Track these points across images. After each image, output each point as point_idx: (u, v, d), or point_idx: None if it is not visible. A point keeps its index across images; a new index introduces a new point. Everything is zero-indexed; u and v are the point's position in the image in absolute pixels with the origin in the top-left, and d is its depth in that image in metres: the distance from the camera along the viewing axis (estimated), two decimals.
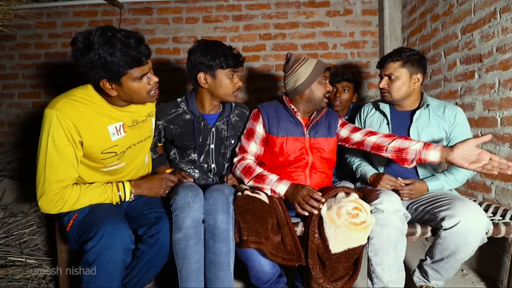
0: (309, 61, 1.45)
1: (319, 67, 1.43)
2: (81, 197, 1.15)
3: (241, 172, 1.42)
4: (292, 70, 1.45)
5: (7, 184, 2.07)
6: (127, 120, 1.25)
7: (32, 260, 1.62)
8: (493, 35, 1.56)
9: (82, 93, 1.18)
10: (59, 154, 1.10)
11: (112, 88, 1.13)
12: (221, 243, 1.15)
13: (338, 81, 1.98)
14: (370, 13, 2.62)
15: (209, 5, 2.67)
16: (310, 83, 1.43)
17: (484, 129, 1.65)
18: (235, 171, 1.45)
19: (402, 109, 1.55)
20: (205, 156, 1.51)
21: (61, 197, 1.12)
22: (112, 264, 1.03)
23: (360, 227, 1.17)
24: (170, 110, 1.48)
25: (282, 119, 1.46)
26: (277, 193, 1.33)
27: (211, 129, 1.49)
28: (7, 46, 2.72)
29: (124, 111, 1.24)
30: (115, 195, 1.21)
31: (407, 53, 1.45)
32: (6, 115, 2.73)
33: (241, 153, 1.48)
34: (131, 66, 1.09)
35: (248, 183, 1.39)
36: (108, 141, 1.20)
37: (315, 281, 1.20)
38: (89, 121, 1.15)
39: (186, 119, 1.48)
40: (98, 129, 1.17)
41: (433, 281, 1.37)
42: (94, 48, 1.04)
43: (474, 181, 1.74)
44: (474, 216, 1.18)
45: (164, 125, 1.48)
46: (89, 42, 1.05)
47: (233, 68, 1.41)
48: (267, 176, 1.36)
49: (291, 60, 1.47)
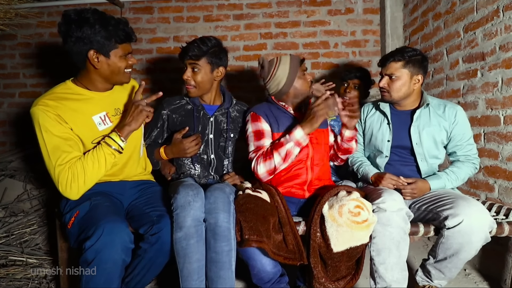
0: (283, 60, 1.45)
1: (294, 63, 1.43)
2: (86, 166, 1.15)
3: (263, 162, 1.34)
4: (270, 75, 1.46)
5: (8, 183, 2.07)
6: (110, 109, 1.29)
7: (33, 259, 1.62)
8: (496, 33, 1.55)
9: (62, 88, 1.24)
10: (56, 136, 1.14)
11: (98, 60, 1.19)
12: (223, 242, 1.15)
13: (350, 78, 1.99)
14: (372, 12, 2.61)
15: (210, 4, 2.66)
16: (292, 82, 1.43)
17: (487, 127, 1.64)
18: (259, 171, 1.35)
19: (402, 108, 1.54)
20: (204, 147, 1.52)
21: (71, 173, 1.14)
22: (111, 263, 1.02)
23: (362, 225, 1.16)
24: (175, 100, 1.57)
25: (279, 116, 1.46)
26: (301, 141, 1.31)
27: (209, 119, 1.53)
28: (8, 45, 2.72)
29: (106, 97, 1.29)
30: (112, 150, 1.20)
31: (409, 53, 1.44)
32: (7, 115, 2.72)
33: (256, 152, 1.40)
34: (122, 40, 1.20)
35: (275, 160, 1.32)
36: (95, 131, 1.23)
37: (317, 280, 1.19)
38: (73, 112, 1.19)
39: (188, 109, 1.55)
40: (84, 119, 1.21)
41: (436, 280, 1.36)
42: (89, 22, 1.13)
43: (476, 180, 1.73)
44: (478, 215, 1.17)
45: (168, 114, 1.54)
46: (84, 16, 1.14)
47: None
48: (281, 140, 1.35)
49: (266, 65, 1.47)
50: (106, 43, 1.17)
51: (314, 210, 1.24)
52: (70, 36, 1.15)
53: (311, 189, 1.43)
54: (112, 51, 1.20)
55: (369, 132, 1.61)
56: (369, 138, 1.61)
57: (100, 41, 1.16)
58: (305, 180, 1.42)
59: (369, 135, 1.61)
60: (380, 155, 1.55)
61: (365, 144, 1.67)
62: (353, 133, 1.47)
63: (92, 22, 1.13)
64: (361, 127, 1.67)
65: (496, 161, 1.59)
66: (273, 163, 1.33)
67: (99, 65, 1.20)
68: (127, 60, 1.25)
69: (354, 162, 1.63)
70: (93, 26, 1.13)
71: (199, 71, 1.46)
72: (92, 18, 1.14)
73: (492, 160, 1.62)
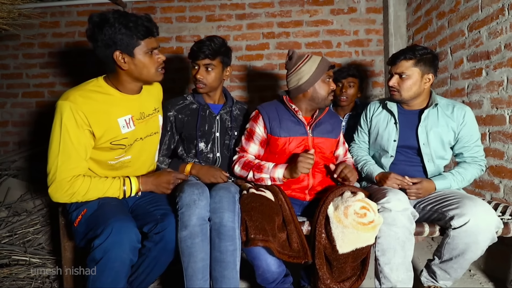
0: (313, 58, 1.42)
1: (323, 65, 1.41)
2: (91, 189, 1.15)
3: (241, 168, 1.42)
4: (295, 68, 1.42)
5: (11, 183, 2.07)
6: (135, 113, 1.29)
7: (36, 259, 1.62)
8: (501, 31, 1.54)
9: (94, 84, 1.24)
10: (72, 143, 1.13)
11: (125, 61, 1.19)
12: (227, 242, 1.14)
13: (344, 77, 2.03)
14: (375, 11, 2.60)
15: (212, 4, 2.66)
16: (313, 82, 1.40)
17: (492, 127, 1.63)
18: (235, 168, 1.45)
19: (410, 108, 1.52)
20: (211, 145, 1.53)
21: (71, 186, 1.12)
22: (119, 263, 1.02)
23: (368, 226, 1.15)
24: (178, 101, 1.56)
25: (284, 119, 1.43)
26: (276, 178, 1.34)
27: (215, 117, 1.53)
28: (11, 46, 2.72)
29: (134, 101, 1.29)
30: (122, 189, 1.21)
31: (420, 52, 1.41)
32: (10, 115, 2.73)
33: (241, 152, 1.48)
34: (144, 35, 1.18)
35: (249, 175, 1.38)
36: (118, 133, 1.23)
37: (322, 281, 1.18)
38: (100, 114, 1.18)
39: (193, 108, 1.54)
40: (109, 120, 1.21)
41: (441, 281, 1.35)
42: (109, 21, 1.14)
43: (482, 180, 1.72)
44: (484, 214, 1.16)
45: (175, 115, 1.53)
46: (105, 17, 1.15)
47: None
48: (264, 165, 1.37)
49: (294, 58, 1.44)
50: (129, 41, 1.16)
51: (319, 211, 1.23)
52: (96, 40, 1.16)
53: (312, 193, 1.43)
54: (135, 49, 1.19)
55: (375, 131, 1.59)
56: (374, 137, 1.60)
57: (123, 40, 1.15)
58: (307, 185, 1.41)
59: (375, 134, 1.59)
60: (385, 155, 1.54)
61: (370, 143, 1.65)
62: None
63: (112, 21, 1.13)
64: (367, 125, 1.65)
65: (502, 161, 1.58)
66: (246, 175, 1.40)
67: (126, 66, 1.20)
68: (153, 56, 1.24)
69: (358, 160, 1.61)
70: (113, 25, 1.13)
71: (213, 70, 1.47)
72: (112, 18, 1.14)
73: (497, 160, 1.60)
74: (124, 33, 1.15)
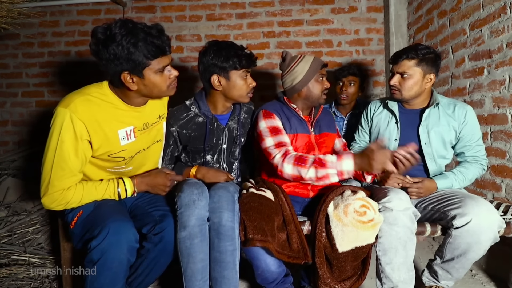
0: (306, 59, 1.43)
1: (315, 64, 1.42)
2: (84, 197, 1.13)
3: (294, 165, 1.23)
4: (289, 68, 1.45)
5: (11, 183, 2.07)
6: (139, 124, 1.22)
7: (35, 259, 1.61)
8: (503, 30, 1.53)
9: (97, 91, 1.14)
10: (69, 157, 1.08)
11: (133, 81, 1.10)
12: (227, 242, 1.13)
13: (344, 75, 2.04)
14: (375, 10, 2.59)
15: (212, 3, 2.65)
16: (307, 81, 1.41)
17: (494, 126, 1.62)
18: (284, 168, 1.24)
19: (411, 107, 1.51)
20: (217, 157, 1.49)
21: (64, 197, 1.10)
22: (117, 263, 1.01)
23: (368, 225, 1.14)
24: (181, 114, 1.44)
25: (291, 117, 1.44)
26: (344, 172, 1.20)
27: (224, 129, 1.47)
28: (11, 45, 2.72)
29: (138, 112, 1.21)
30: (116, 192, 1.19)
31: (423, 51, 1.39)
32: (9, 114, 2.72)
33: (278, 147, 1.30)
34: (155, 55, 1.07)
35: (308, 174, 1.21)
36: (117, 145, 1.17)
37: (322, 281, 1.17)
38: (100, 124, 1.11)
39: (199, 122, 1.44)
40: (108, 133, 1.14)
41: (443, 281, 1.34)
42: (116, 39, 1.01)
43: (483, 179, 1.71)
44: (487, 214, 1.15)
45: (178, 131, 1.42)
46: (110, 33, 1.02)
47: (247, 69, 1.40)
48: (324, 159, 1.22)
49: (287, 59, 1.47)
50: (137, 62, 1.04)
51: (319, 210, 1.22)
52: (100, 58, 1.06)
53: (315, 189, 1.42)
54: (145, 69, 1.08)
55: (376, 130, 1.58)
56: (375, 136, 1.59)
57: (131, 60, 1.04)
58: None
59: (376, 134, 1.58)
60: None
61: (371, 142, 1.65)
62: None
63: (119, 39, 1.01)
64: (368, 125, 1.65)
65: (503, 160, 1.57)
66: (304, 173, 1.22)
67: (135, 86, 1.11)
68: (165, 74, 1.13)
69: None
70: (120, 44, 1.01)
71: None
72: (119, 34, 1.01)
73: (499, 159, 1.60)
74: (132, 53, 1.02)
